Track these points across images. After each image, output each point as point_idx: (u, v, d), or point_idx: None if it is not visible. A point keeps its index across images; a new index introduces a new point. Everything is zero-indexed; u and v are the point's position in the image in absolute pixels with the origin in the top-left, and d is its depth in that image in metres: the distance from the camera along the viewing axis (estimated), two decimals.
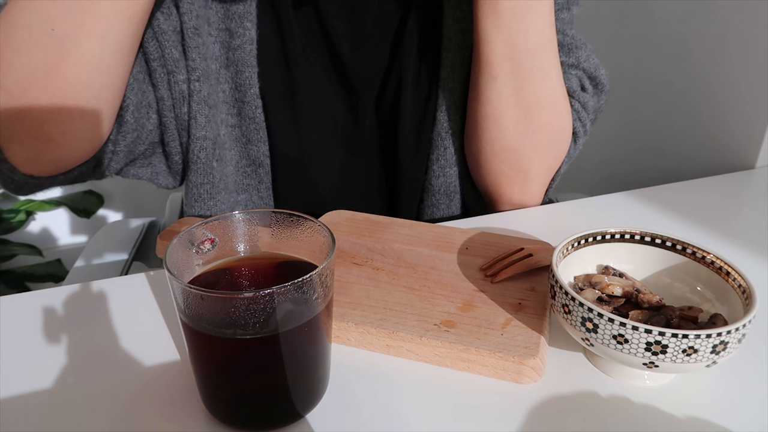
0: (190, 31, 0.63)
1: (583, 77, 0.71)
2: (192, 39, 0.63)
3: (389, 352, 0.47)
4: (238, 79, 0.67)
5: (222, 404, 0.40)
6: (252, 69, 0.67)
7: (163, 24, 0.62)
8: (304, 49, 0.69)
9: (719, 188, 0.80)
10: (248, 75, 0.67)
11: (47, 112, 0.50)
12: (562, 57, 0.69)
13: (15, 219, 1.51)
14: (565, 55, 0.69)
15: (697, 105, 0.95)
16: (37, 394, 0.43)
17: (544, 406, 0.42)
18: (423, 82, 0.71)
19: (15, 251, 1.52)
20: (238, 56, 0.66)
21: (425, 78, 0.71)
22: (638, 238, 0.50)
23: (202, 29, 0.65)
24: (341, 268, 0.54)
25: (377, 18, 0.69)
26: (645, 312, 0.45)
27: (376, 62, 0.70)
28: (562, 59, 0.69)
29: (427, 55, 0.70)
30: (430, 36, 0.70)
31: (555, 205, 0.76)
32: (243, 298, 0.34)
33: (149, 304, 0.53)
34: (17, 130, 0.52)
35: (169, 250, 0.38)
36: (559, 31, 0.69)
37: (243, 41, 0.65)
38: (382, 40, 0.70)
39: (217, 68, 0.67)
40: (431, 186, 0.73)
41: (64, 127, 0.53)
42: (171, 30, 0.62)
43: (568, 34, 0.70)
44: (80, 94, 0.52)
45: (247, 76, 0.67)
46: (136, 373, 0.45)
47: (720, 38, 0.90)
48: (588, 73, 0.71)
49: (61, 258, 1.59)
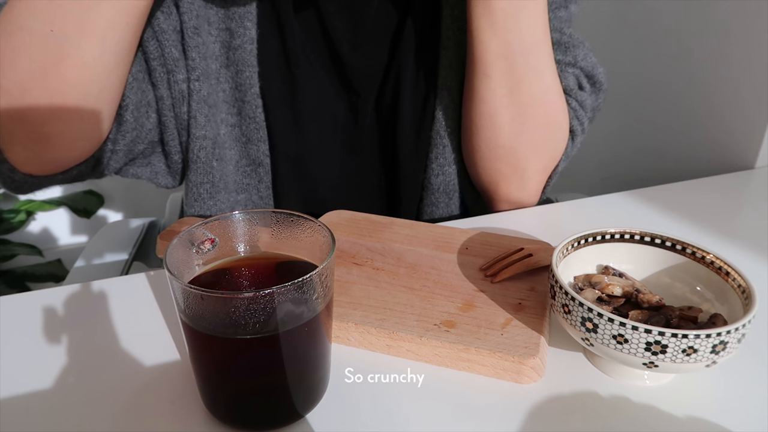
0: (190, 31, 0.63)
1: (581, 75, 0.71)
2: (192, 38, 0.64)
3: (389, 352, 0.47)
4: (239, 79, 0.67)
5: (222, 404, 0.40)
6: (252, 69, 0.67)
7: (163, 23, 0.62)
8: (305, 49, 0.69)
9: (719, 188, 0.80)
10: (248, 74, 0.67)
11: (46, 113, 0.50)
12: (559, 55, 0.69)
13: (15, 219, 1.51)
14: (562, 54, 0.69)
15: (697, 105, 0.95)
16: (37, 394, 0.43)
17: (544, 406, 0.42)
18: (421, 80, 0.71)
19: (15, 251, 1.52)
20: (239, 56, 0.66)
21: (423, 77, 0.71)
22: (638, 238, 0.50)
23: (202, 29, 0.65)
24: (341, 268, 0.54)
25: (377, 17, 0.69)
26: (645, 312, 0.45)
27: (375, 61, 0.71)
28: (560, 57, 0.69)
29: (426, 54, 0.70)
30: (428, 35, 0.70)
31: (555, 205, 0.76)
32: (243, 298, 0.34)
33: (149, 304, 0.53)
34: (17, 131, 0.52)
35: (169, 250, 0.38)
36: (557, 29, 0.69)
37: (243, 41, 0.65)
38: (382, 39, 0.70)
39: (217, 68, 0.67)
40: (430, 184, 0.73)
41: (62, 128, 0.53)
42: (171, 29, 0.63)
43: (565, 33, 0.70)
44: (79, 95, 0.52)
45: (247, 76, 0.67)
46: (136, 373, 0.45)
47: (720, 38, 0.90)
48: (585, 71, 0.71)
49: (61, 258, 1.59)
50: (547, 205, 0.75)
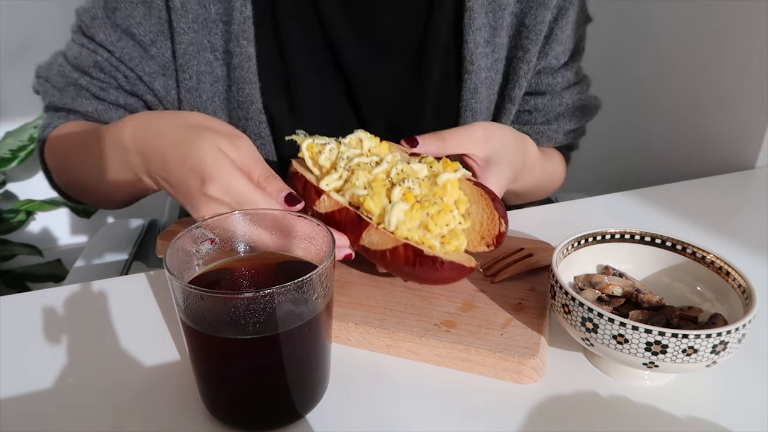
0: (184, 89, 0.67)
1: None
2: (186, 96, 0.67)
3: (389, 352, 0.47)
4: (240, 97, 0.67)
5: (222, 404, 0.40)
6: (252, 85, 0.66)
7: (161, 91, 0.68)
8: (309, 72, 0.69)
9: (719, 188, 0.80)
10: (248, 92, 0.66)
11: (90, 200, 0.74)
12: (576, 64, 0.76)
13: (15, 219, 1.51)
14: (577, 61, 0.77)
15: (697, 105, 0.95)
16: (37, 394, 0.43)
17: (544, 406, 0.42)
18: (443, 103, 0.71)
19: (15, 251, 1.52)
20: (238, 75, 0.66)
21: (445, 100, 0.71)
22: (638, 238, 0.50)
23: (203, 79, 0.66)
24: (341, 268, 0.54)
25: (390, 36, 0.69)
26: (645, 312, 0.45)
27: (391, 78, 0.70)
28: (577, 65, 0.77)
29: (449, 81, 0.70)
30: (450, 60, 0.70)
31: (555, 205, 0.76)
32: (243, 298, 0.34)
33: (149, 304, 0.53)
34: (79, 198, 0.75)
35: (169, 250, 0.38)
36: (582, 38, 0.76)
37: (241, 60, 0.65)
38: (397, 56, 0.70)
39: (222, 89, 0.68)
40: None
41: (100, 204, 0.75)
42: (169, 89, 0.68)
43: (583, 41, 0.76)
44: (102, 201, 0.73)
45: (247, 93, 0.66)
46: (136, 373, 0.45)
47: (720, 38, 0.90)
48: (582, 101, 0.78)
49: (61, 258, 1.59)
50: (547, 205, 0.75)
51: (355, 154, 0.50)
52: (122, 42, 0.66)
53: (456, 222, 0.47)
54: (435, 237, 0.47)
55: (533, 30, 0.68)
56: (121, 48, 0.66)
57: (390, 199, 0.47)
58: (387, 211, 0.47)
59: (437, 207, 0.47)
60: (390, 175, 0.49)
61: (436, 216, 0.47)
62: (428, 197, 0.48)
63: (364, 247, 0.48)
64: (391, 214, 0.47)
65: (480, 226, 0.48)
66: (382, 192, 0.48)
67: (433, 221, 0.47)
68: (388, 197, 0.48)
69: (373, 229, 0.47)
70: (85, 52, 0.67)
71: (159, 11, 0.64)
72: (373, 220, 0.48)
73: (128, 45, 0.66)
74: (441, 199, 0.48)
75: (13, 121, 1.50)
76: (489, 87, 0.70)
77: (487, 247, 0.48)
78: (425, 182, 0.49)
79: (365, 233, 0.48)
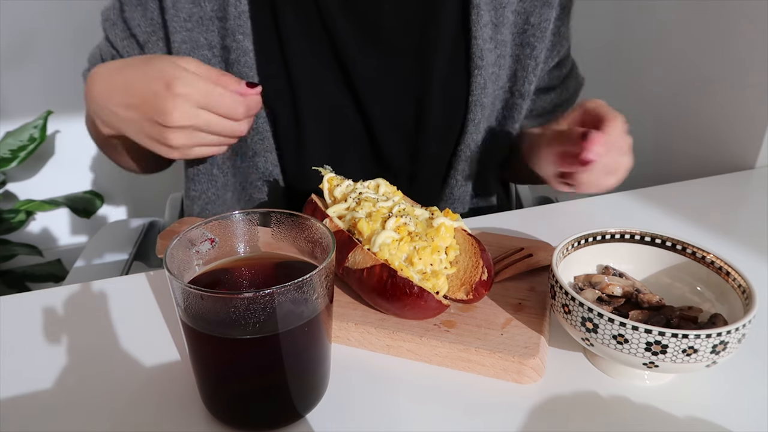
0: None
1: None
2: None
3: (389, 352, 0.47)
4: None
5: (222, 404, 0.40)
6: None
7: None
8: (309, 66, 0.69)
9: (719, 188, 0.80)
10: None
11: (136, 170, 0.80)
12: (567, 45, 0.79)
13: (15, 219, 1.51)
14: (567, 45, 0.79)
15: (697, 105, 0.95)
16: (37, 394, 0.43)
17: (544, 406, 0.42)
18: (451, 97, 0.71)
19: (15, 251, 1.52)
20: (236, 70, 0.66)
21: (454, 93, 0.71)
22: (638, 238, 0.50)
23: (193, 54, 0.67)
24: None
25: (389, 30, 0.69)
26: (645, 312, 0.45)
27: (393, 74, 0.70)
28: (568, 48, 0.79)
29: (456, 78, 0.70)
30: (458, 56, 0.70)
31: (555, 205, 0.76)
32: (243, 298, 0.34)
33: (149, 304, 0.53)
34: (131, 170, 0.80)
35: (169, 250, 0.38)
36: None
37: (238, 55, 0.65)
38: (400, 51, 0.70)
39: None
40: (452, 195, 0.76)
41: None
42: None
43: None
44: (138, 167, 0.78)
45: None
46: (136, 373, 0.45)
47: (720, 38, 0.90)
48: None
49: (61, 258, 1.59)
50: (547, 205, 0.75)
51: (368, 192, 0.53)
52: (126, 42, 0.68)
53: (442, 266, 0.47)
54: (417, 272, 0.47)
55: (539, 28, 0.71)
56: (125, 48, 0.69)
57: (384, 227, 0.48)
58: (375, 233, 0.48)
59: (426, 243, 0.47)
60: (392, 210, 0.50)
61: (422, 251, 0.47)
62: (420, 235, 0.48)
63: (347, 268, 0.48)
64: (378, 236, 0.47)
65: (463, 273, 0.48)
66: (379, 220, 0.49)
67: (419, 255, 0.47)
68: (383, 226, 0.48)
69: (359, 249, 0.48)
70: (104, 47, 0.72)
71: (152, 12, 0.66)
72: (363, 242, 0.49)
73: (131, 45, 0.69)
74: (432, 239, 0.48)
75: (13, 121, 1.50)
76: (494, 83, 0.72)
77: (465, 295, 0.47)
78: (422, 223, 0.49)
79: (351, 254, 0.48)
